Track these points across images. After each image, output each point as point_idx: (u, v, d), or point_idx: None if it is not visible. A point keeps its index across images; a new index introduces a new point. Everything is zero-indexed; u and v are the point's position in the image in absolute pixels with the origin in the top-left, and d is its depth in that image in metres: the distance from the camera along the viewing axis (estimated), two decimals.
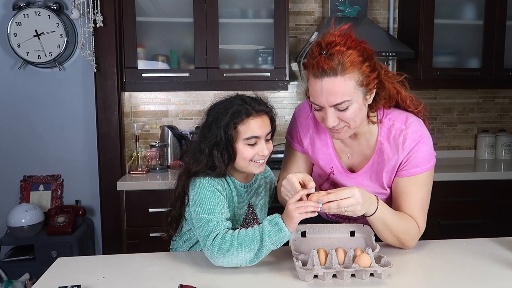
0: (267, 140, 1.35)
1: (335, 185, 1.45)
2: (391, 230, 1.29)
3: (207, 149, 1.33)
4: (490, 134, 3.10)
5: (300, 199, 1.19)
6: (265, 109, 1.34)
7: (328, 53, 1.19)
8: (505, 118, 3.23)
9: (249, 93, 1.39)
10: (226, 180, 1.37)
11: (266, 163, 1.41)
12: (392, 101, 1.33)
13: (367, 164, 1.37)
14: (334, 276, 1.16)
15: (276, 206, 2.39)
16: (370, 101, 1.27)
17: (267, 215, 1.54)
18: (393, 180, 1.37)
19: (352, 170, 1.42)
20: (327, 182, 1.48)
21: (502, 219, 2.64)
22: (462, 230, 2.44)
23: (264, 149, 1.33)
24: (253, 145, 1.32)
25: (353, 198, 1.17)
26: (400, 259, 1.29)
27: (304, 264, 1.18)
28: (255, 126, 1.31)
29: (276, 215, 1.21)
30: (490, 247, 1.39)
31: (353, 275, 1.16)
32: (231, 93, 1.42)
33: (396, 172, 1.34)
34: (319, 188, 1.49)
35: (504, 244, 1.40)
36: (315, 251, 1.17)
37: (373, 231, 1.32)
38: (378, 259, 1.20)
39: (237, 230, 1.23)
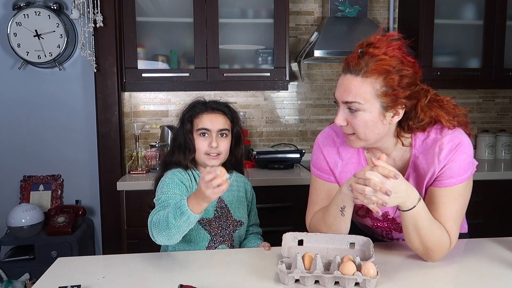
0: (222, 137, 1.52)
1: (368, 209, 1.33)
2: (420, 237, 1.19)
3: (172, 141, 1.56)
4: (490, 134, 3.10)
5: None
6: (221, 109, 1.54)
7: (363, 52, 1.17)
8: (505, 118, 3.23)
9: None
10: (192, 173, 1.52)
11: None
12: (428, 125, 1.25)
13: None
14: (317, 282, 1.12)
15: (276, 206, 2.40)
16: (391, 122, 1.20)
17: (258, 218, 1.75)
18: (425, 190, 1.27)
19: None
20: (362, 209, 1.38)
21: (502, 219, 2.63)
22: None
23: (213, 141, 1.49)
24: (204, 137, 1.50)
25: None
26: (399, 265, 1.28)
27: (289, 267, 1.14)
28: (207, 120, 1.51)
29: (181, 199, 1.23)
30: (490, 247, 1.39)
31: (337, 282, 1.11)
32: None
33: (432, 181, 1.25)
34: (354, 212, 1.35)
35: (504, 244, 1.40)
36: (300, 255, 1.13)
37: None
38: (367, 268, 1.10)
39: (160, 212, 1.28)
